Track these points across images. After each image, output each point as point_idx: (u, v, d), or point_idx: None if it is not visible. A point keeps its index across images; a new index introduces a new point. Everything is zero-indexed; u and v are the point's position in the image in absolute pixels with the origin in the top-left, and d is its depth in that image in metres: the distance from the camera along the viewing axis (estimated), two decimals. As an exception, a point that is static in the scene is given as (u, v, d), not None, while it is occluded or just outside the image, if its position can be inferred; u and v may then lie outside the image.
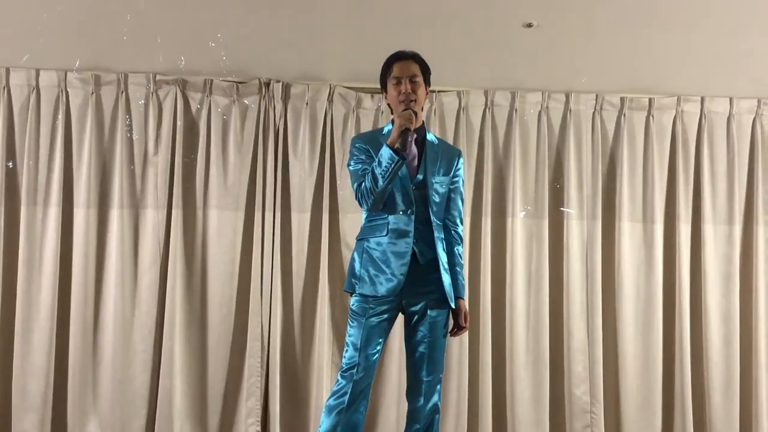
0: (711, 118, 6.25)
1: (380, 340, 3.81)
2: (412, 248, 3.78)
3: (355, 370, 3.75)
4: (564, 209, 6.07)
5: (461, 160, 4.10)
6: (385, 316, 3.81)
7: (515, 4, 5.08)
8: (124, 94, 5.92)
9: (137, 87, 5.93)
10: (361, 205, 3.85)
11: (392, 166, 3.64)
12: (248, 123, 5.99)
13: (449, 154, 4.04)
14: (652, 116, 6.21)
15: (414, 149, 3.87)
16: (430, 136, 4.01)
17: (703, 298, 6.09)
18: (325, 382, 5.84)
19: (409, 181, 3.83)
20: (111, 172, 5.89)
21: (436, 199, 3.90)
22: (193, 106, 5.99)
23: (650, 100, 6.21)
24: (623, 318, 6.06)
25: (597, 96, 6.19)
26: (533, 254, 6.06)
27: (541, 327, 6.00)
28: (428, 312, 3.85)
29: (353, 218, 5.88)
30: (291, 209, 5.96)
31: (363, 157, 3.87)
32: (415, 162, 3.88)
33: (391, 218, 3.80)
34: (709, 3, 5.02)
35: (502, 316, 6.03)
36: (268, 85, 6.01)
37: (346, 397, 3.76)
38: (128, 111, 5.92)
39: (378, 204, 3.77)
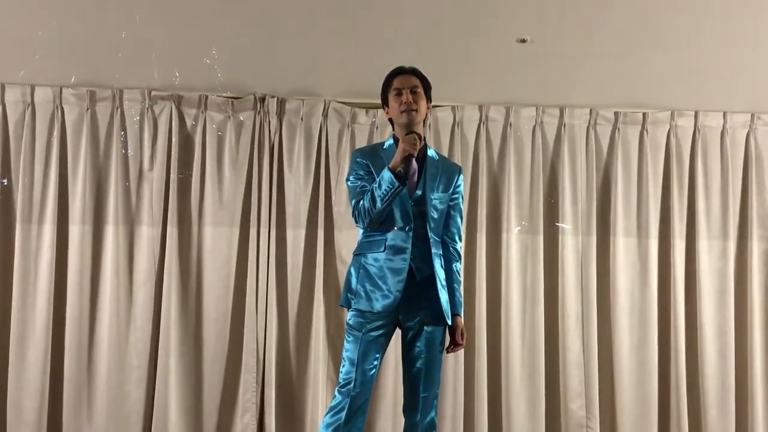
0: (705, 132, 6.27)
1: (377, 356, 3.77)
2: (409, 264, 3.75)
3: (351, 386, 3.70)
4: (559, 224, 6.08)
5: (461, 177, 4.07)
6: (382, 331, 3.78)
7: (509, 19, 5.08)
8: (119, 110, 5.93)
9: (132, 103, 5.94)
10: (357, 223, 3.83)
11: (392, 190, 3.63)
12: (243, 138, 6.01)
13: (449, 171, 4.02)
14: (647, 131, 6.23)
15: (414, 165, 3.83)
16: (431, 152, 3.99)
17: (698, 312, 6.10)
18: (320, 398, 5.83)
19: (407, 198, 3.80)
20: (106, 188, 5.89)
21: (435, 215, 3.88)
22: (188, 122, 6.00)
23: (644, 114, 6.23)
24: (618, 332, 6.06)
25: (591, 111, 6.21)
26: (528, 269, 6.06)
27: (536, 341, 6.00)
28: (424, 328, 3.82)
29: (348, 234, 5.88)
30: (286, 225, 5.96)
31: (362, 172, 3.85)
32: (415, 178, 3.85)
33: (389, 234, 3.77)
34: (702, 18, 5.03)
35: (497, 330, 6.03)
36: (263, 100, 6.02)
37: (344, 413, 3.70)
38: (123, 127, 5.93)
39: (374, 224, 3.76)
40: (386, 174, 3.65)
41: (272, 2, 4.91)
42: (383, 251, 3.76)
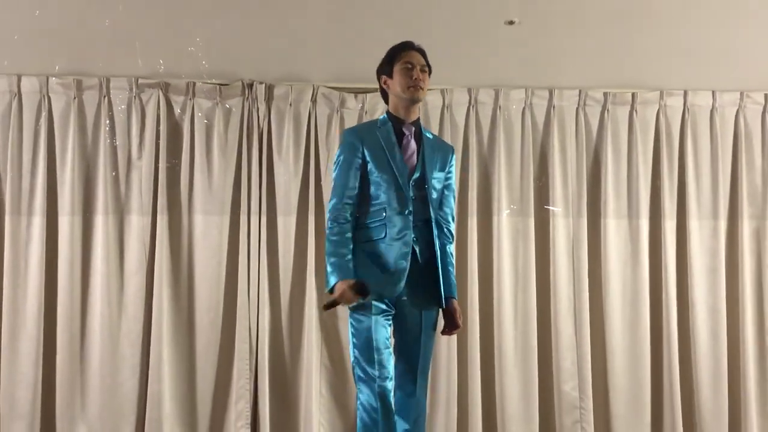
0: (694, 111, 6.27)
1: (388, 339, 3.72)
2: (412, 248, 3.71)
3: (378, 370, 3.63)
4: (549, 207, 6.08)
5: (454, 157, 4.05)
6: (389, 313, 3.73)
7: (497, 1, 5.07)
8: (106, 98, 5.90)
9: (119, 91, 5.91)
10: (327, 223, 3.83)
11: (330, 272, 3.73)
12: (232, 125, 5.98)
13: (443, 151, 4.00)
14: (636, 111, 6.23)
15: (413, 144, 3.84)
16: (426, 132, 3.97)
17: (690, 292, 6.11)
18: (314, 384, 5.84)
19: (406, 179, 3.76)
20: (95, 177, 5.87)
21: (434, 195, 3.85)
22: (176, 110, 5.97)
23: (633, 94, 6.22)
24: (610, 313, 6.08)
25: (580, 92, 6.20)
26: (520, 252, 6.06)
27: (528, 324, 6.01)
28: (423, 312, 3.81)
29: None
30: (276, 211, 5.95)
31: (349, 156, 3.78)
32: (414, 158, 3.83)
33: (388, 220, 3.71)
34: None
35: (489, 313, 6.03)
36: (251, 86, 6.00)
37: (379, 414, 3.61)
38: (111, 115, 5.90)
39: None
40: (331, 277, 3.73)
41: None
42: (384, 237, 3.70)
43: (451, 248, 3.98)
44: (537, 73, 6.01)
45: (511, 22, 5.28)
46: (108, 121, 5.88)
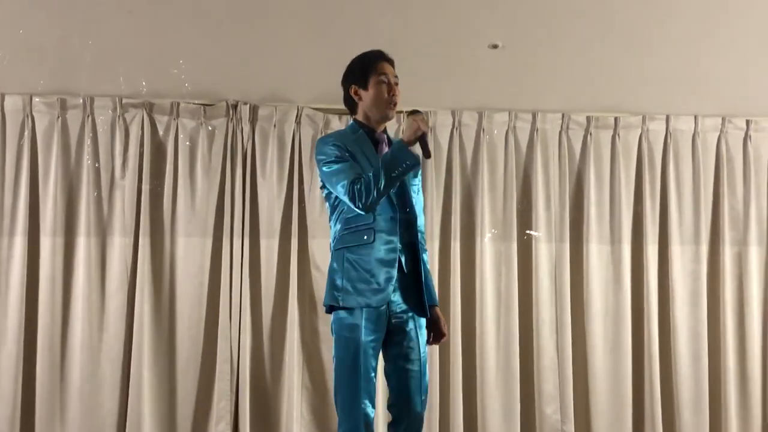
0: (676, 136, 6.30)
1: (376, 360, 3.53)
2: (398, 255, 3.53)
3: (359, 398, 3.42)
4: (531, 233, 6.09)
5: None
6: (379, 330, 3.52)
7: (481, 25, 5.10)
8: (90, 118, 5.88)
9: (103, 110, 5.89)
10: (355, 203, 3.43)
11: (408, 167, 3.39)
12: (216, 146, 5.98)
13: None
14: (618, 135, 6.26)
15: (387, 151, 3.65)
16: (394, 140, 3.72)
17: (671, 316, 6.12)
18: (295, 405, 5.81)
19: None
20: (77, 197, 5.84)
21: (414, 202, 3.69)
22: (160, 129, 5.97)
23: (616, 119, 6.25)
24: (592, 336, 6.09)
25: (563, 115, 6.23)
26: (502, 274, 6.07)
27: (511, 346, 6.01)
28: (416, 323, 3.61)
29: (322, 241, 5.84)
30: (260, 232, 5.94)
31: (343, 154, 3.54)
32: None
33: (375, 224, 3.52)
34: (672, 22, 5.07)
35: (472, 335, 6.03)
36: (235, 107, 6.00)
37: None
38: (94, 135, 5.88)
39: (375, 205, 3.45)
40: (403, 149, 3.40)
41: (244, 9, 4.90)
42: (372, 242, 3.51)
43: (426, 256, 3.79)
44: (520, 97, 6.03)
45: (495, 46, 5.31)
46: (91, 141, 5.86)
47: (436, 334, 3.77)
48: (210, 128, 5.98)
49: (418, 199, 3.76)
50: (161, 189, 5.90)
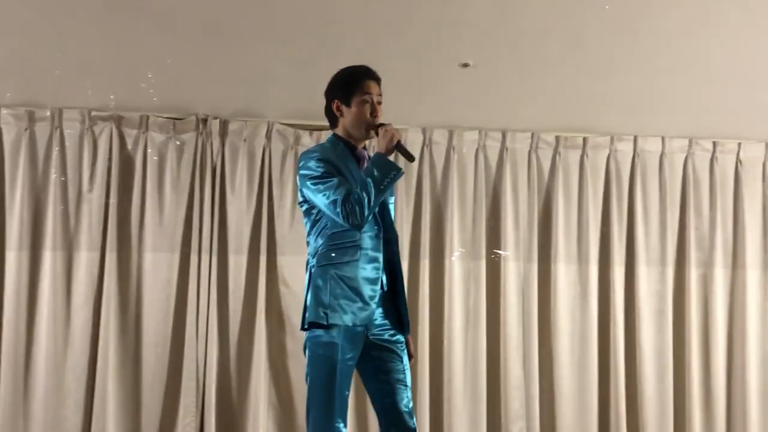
0: (644, 157, 6.36)
1: (350, 380, 3.47)
2: (381, 274, 3.50)
3: (333, 417, 3.35)
4: (499, 252, 6.11)
5: None
6: (357, 349, 3.45)
7: (452, 44, 5.11)
8: (58, 130, 5.84)
9: (71, 123, 5.85)
10: (347, 221, 3.35)
11: (395, 177, 3.40)
12: (185, 160, 5.95)
13: None
14: (587, 155, 6.30)
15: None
16: (374, 154, 3.64)
17: (637, 335, 6.17)
18: (261, 423, 5.78)
19: None
20: (44, 211, 5.79)
21: (391, 219, 3.66)
22: (129, 143, 5.93)
23: (584, 139, 6.30)
24: (559, 355, 6.11)
25: (533, 134, 6.26)
26: (471, 293, 6.08)
27: (478, 364, 6.02)
28: (398, 339, 3.56)
29: (291, 258, 5.89)
30: (228, 248, 5.91)
31: (329, 169, 3.47)
32: None
33: (361, 241, 3.47)
34: (640, 44, 5.11)
35: (439, 353, 6.03)
36: (205, 121, 5.98)
37: None
38: (62, 148, 5.84)
39: (366, 221, 3.40)
40: (382, 159, 3.40)
41: (214, 23, 4.89)
42: (357, 259, 3.46)
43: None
44: (490, 115, 6.06)
45: (466, 65, 5.33)
46: (59, 154, 5.82)
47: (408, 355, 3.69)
48: (179, 142, 5.95)
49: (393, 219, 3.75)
50: (129, 203, 5.86)
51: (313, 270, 3.51)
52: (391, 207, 3.69)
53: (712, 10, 4.68)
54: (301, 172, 3.54)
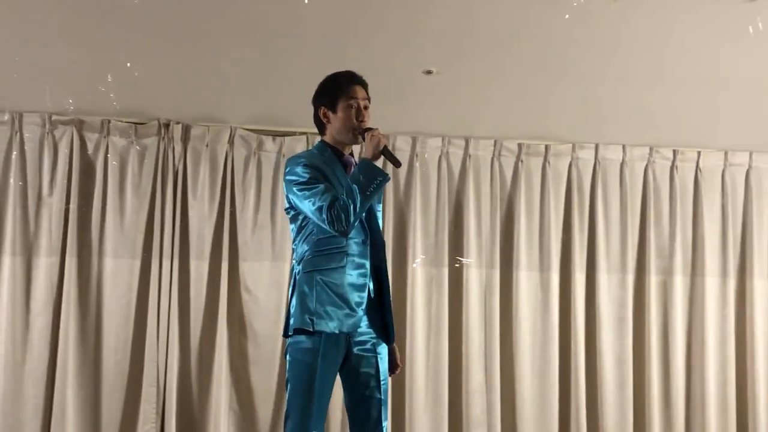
0: (605, 165, 6.41)
1: (332, 384, 3.43)
2: (368, 280, 3.46)
3: (311, 421, 3.32)
4: (462, 259, 6.13)
5: None
6: (339, 354, 3.42)
7: (415, 51, 5.13)
8: (18, 134, 5.79)
9: (32, 127, 5.81)
10: (333, 227, 3.30)
11: (381, 183, 3.34)
12: (146, 165, 5.92)
13: None
14: (549, 162, 6.34)
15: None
16: (361, 159, 3.61)
17: (598, 341, 6.22)
18: (222, 428, 5.76)
19: None
20: (3, 215, 5.75)
21: (379, 226, 3.62)
22: (90, 147, 5.89)
23: (546, 146, 6.34)
24: (520, 361, 6.14)
25: (495, 142, 6.29)
26: (433, 299, 6.10)
27: (440, 370, 6.04)
28: (379, 350, 3.51)
29: (253, 264, 5.92)
30: (189, 253, 5.89)
31: (317, 175, 3.43)
32: None
33: (348, 247, 3.43)
34: (601, 53, 5.14)
35: (401, 359, 6.01)
36: (167, 126, 5.95)
37: None
38: (22, 152, 5.79)
39: (353, 227, 3.35)
40: (370, 165, 3.35)
41: (177, 27, 4.87)
42: (344, 266, 3.42)
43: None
44: (453, 122, 6.08)
45: (429, 72, 5.34)
46: (18, 158, 5.76)
47: (392, 365, 3.65)
48: (141, 147, 5.92)
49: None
50: (90, 208, 5.82)
51: (298, 276, 3.48)
52: (379, 214, 3.66)
53: (672, 19, 4.72)
54: (288, 177, 3.50)
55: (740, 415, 6.33)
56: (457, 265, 6.13)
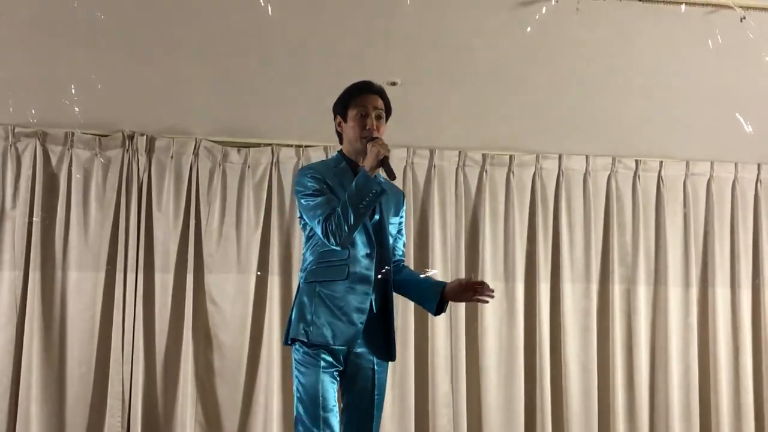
0: (568, 175, 6.46)
1: (335, 394, 3.42)
2: (371, 295, 3.44)
3: (321, 430, 3.33)
4: (427, 270, 6.14)
5: (404, 201, 3.81)
6: (338, 365, 3.42)
7: (379, 62, 5.15)
8: (-20, 147, 5.76)
9: (-6, 139, 5.77)
10: (329, 240, 3.35)
11: (375, 196, 3.30)
12: (111, 177, 5.90)
13: (396, 196, 3.73)
14: (513, 173, 6.38)
15: None
16: (378, 177, 3.56)
17: (563, 350, 6.26)
18: (188, 441, 5.74)
19: (368, 221, 3.47)
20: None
21: (390, 242, 3.59)
22: (53, 160, 5.86)
23: (511, 156, 6.38)
24: (486, 372, 6.17)
25: (460, 153, 6.32)
26: (398, 310, 6.08)
27: (406, 381, 6.04)
28: (375, 367, 3.50)
29: (218, 276, 5.93)
30: (154, 266, 5.86)
31: (321, 187, 3.45)
32: None
33: (350, 260, 3.42)
34: (565, 65, 5.19)
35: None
36: (131, 138, 5.93)
37: None
38: (-16, 165, 5.75)
39: (349, 240, 3.36)
40: (366, 179, 3.31)
41: (140, 39, 4.86)
42: (346, 279, 3.41)
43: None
44: (418, 133, 6.10)
45: (394, 83, 5.36)
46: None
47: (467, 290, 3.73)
48: (105, 159, 5.89)
49: (398, 238, 3.74)
50: (53, 221, 5.78)
51: (301, 285, 3.51)
52: (392, 227, 3.63)
53: (634, 31, 4.78)
54: (296, 188, 3.56)
55: (703, 420, 6.39)
56: (422, 276, 6.12)
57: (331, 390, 3.39)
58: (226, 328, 5.93)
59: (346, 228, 3.32)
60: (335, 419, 3.39)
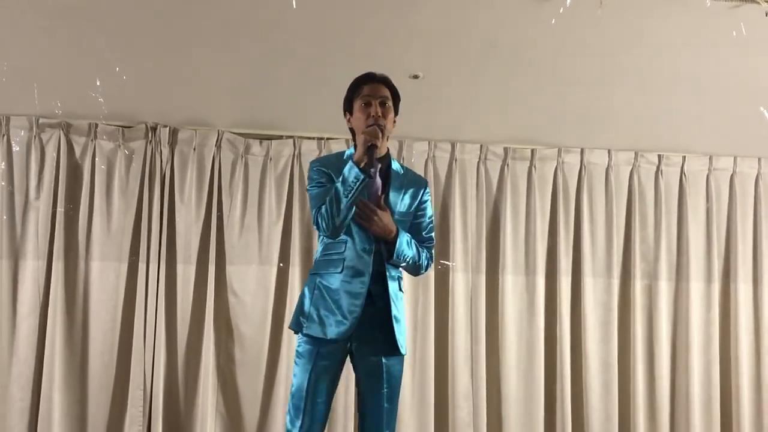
0: (590, 169, 6.43)
1: (329, 387, 3.46)
2: (368, 289, 3.43)
3: (301, 420, 3.39)
4: (447, 262, 6.14)
5: (427, 191, 3.72)
6: (334, 360, 3.46)
7: (401, 55, 5.15)
8: (5, 137, 5.79)
9: (19, 131, 5.81)
10: (319, 229, 3.42)
11: (357, 185, 3.28)
12: (134, 168, 5.92)
13: (415, 185, 3.67)
14: (534, 167, 6.36)
15: (378, 181, 3.50)
16: (395, 165, 3.66)
17: (583, 345, 6.24)
18: (209, 431, 5.76)
19: None
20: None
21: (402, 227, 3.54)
22: (77, 151, 5.89)
23: (532, 150, 6.36)
24: (506, 365, 6.15)
25: (481, 146, 6.31)
26: (419, 303, 6.11)
27: (426, 374, 6.05)
28: (383, 360, 3.50)
29: (240, 267, 5.94)
30: (176, 257, 5.89)
31: (323, 180, 3.49)
32: (379, 193, 3.50)
33: (347, 254, 3.44)
34: (587, 59, 5.19)
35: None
36: (154, 129, 5.96)
37: None
38: (9, 155, 5.78)
39: (337, 230, 3.37)
40: (350, 168, 3.31)
41: (165, 32, 4.89)
42: (340, 272, 3.43)
43: (423, 257, 3.68)
44: (440, 126, 6.10)
45: (416, 76, 5.37)
46: (5, 161, 5.76)
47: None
48: (128, 150, 5.92)
49: (415, 225, 3.66)
50: (77, 211, 5.82)
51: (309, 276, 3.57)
52: (397, 222, 3.52)
53: (657, 24, 4.77)
54: (308, 180, 3.62)
55: (725, 416, 6.35)
56: (440, 267, 6.14)
57: (321, 383, 3.43)
58: (247, 319, 5.95)
59: (334, 219, 3.34)
60: (319, 413, 3.43)
